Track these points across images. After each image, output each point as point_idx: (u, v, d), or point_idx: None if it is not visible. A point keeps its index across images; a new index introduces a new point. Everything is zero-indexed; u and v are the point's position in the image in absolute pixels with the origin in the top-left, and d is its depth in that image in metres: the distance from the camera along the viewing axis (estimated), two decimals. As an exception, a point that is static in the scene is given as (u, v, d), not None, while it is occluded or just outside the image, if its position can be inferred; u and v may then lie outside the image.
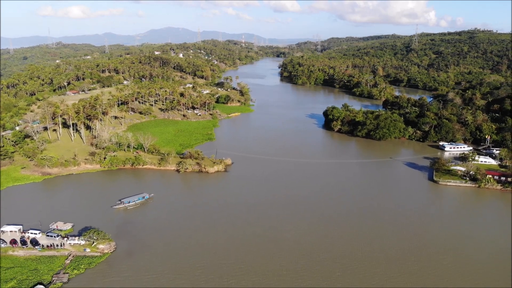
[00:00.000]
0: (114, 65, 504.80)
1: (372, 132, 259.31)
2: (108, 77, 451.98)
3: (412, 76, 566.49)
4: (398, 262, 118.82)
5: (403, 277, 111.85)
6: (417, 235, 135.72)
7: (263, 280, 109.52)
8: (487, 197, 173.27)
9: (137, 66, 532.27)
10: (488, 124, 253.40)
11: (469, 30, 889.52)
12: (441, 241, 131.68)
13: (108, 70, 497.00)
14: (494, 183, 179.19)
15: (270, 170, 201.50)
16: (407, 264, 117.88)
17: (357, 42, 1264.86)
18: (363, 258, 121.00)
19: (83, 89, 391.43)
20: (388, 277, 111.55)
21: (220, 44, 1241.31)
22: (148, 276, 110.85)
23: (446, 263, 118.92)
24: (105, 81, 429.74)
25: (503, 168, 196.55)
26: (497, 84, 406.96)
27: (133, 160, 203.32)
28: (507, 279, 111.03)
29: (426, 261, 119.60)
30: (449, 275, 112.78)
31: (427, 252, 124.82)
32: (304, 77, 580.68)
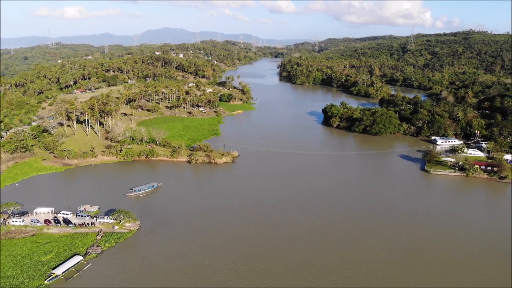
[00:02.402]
0: (118, 65, 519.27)
1: (369, 127, 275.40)
2: (113, 76, 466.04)
3: (407, 76, 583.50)
4: (395, 242, 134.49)
5: (398, 261, 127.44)
6: (410, 217, 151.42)
7: (268, 258, 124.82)
8: (474, 184, 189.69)
9: (141, 65, 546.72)
10: (478, 120, 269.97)
11: (464, 31, 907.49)
12: (429, 220, 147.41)
13: (113, 69, 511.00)
14: (481, 172, 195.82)
15: (274, 161, 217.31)
16: (402, 242, 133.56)
17: (354, 43, 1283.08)
18: (360, 241, 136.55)
19: (90, 88, 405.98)
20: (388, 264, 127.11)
21: (219, 45, 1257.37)
22: (170, 248, 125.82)
23: (435, 243, 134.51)
24: (111, 80, 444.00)
25: (490, 160, 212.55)
26: (489, 83, 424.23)
27: (147, 152, 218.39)
28: (492, 251, 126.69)
29: (419, 240, 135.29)
30: (437, 254, 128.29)
31: (419, 230, 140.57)
32: (302, 77, 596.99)
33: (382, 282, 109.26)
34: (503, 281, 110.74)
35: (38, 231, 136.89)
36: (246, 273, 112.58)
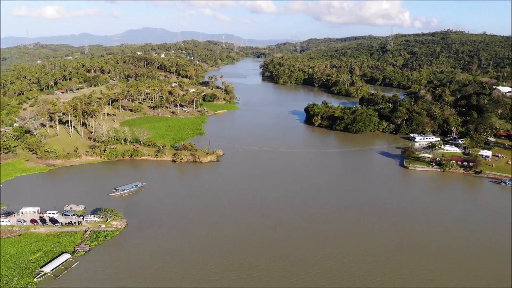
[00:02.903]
0: (100, 65, 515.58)
1: (350, 125, 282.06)
2: (95, 76, 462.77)
3: (387, 75, 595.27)
4: (376, 229, 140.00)
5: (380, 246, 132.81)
6: (391, 212, 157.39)
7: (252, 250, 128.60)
8: (451, 179, 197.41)
9: (122, 66, 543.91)
10: (455, 118, 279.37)
11: (442, 31, 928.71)
12: (409, 213, 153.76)
13: (94, 70, 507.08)
14: (457, 167, 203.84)
15: (258, 159, 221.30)
16: (381, 229, 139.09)
17: (335, 43, 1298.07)
18: (343, 235, 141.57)
19: (71, 88, 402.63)
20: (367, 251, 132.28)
21: (201, 45, 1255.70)
22: (157, 244, 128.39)
23: (417, 236, 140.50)
24: (92, 81, 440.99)
25: (466, 155, 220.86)
26: (465, 82, 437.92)
27: (132, 152, 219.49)
28: (467, 235, 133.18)
29: (400, 233, 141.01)
30: (419, 248, 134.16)
31: (399, 224, 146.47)
32: (285, 76, 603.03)
33: (361, 272, 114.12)
34: (489, 276, 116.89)
35: (25, 231, 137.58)
36: (232, 267, 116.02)
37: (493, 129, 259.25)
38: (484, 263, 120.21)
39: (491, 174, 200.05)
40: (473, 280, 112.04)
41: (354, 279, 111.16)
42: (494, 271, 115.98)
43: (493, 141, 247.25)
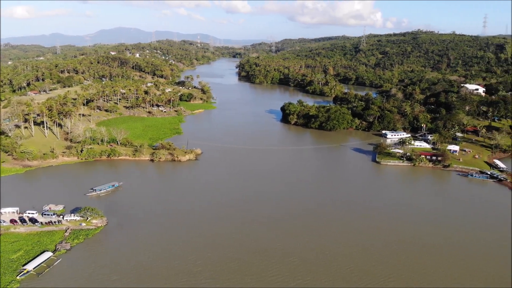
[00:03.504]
0: (73, 65, 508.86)
1: (324, 123, 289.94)
2: (68, 77, 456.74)
3: (360, 75, 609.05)
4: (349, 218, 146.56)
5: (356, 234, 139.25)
6: (364, 204, 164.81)
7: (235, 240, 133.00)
8: (420, 173, 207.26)
9: (96, 66, 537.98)
10: (424, 115, 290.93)
11: (413, 31, 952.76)
12: (381, 205, 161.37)
13: (67, 70, 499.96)
14: (426, 162, 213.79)
15: (236, 157, 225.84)
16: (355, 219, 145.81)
17: (309, 43, 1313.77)
18: (319, 227, 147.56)
19: (45, 89, 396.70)
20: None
21: (176, 44, 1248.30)
22: (138, 240, 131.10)
23: (388, 227, 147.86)
24: (66, 81, 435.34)
25: (435, 150, 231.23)
26: (435, 80, 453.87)
27: (109, 152, 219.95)
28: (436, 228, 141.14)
29: (372, 224, 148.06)
30: (391, 238, 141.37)
31: (372, 216, 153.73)
32: (261, 76, 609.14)
33: (335, 261, 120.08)
34: (465, 269, 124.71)
35: (4, 231, 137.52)
36: (212, 260, 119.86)
37: (461, 125, 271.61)
38: (463, 254, 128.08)
39: (459, 167, 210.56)
40: (455, 271, 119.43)
41: (331, 269, 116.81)
42: (474, 261, 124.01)
43: (461, 137, 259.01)
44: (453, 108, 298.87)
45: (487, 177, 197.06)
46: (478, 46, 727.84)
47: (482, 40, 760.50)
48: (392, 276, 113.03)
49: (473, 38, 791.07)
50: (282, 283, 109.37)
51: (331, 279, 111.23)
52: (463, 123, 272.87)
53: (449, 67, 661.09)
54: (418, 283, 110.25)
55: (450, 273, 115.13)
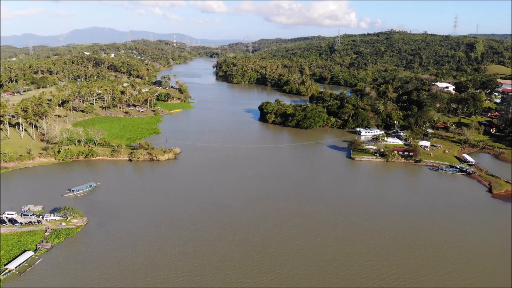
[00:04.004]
0: (47, 66, 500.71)
1: (301, 122, 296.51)
2: (43, 78, 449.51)
3: (335, 74, 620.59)
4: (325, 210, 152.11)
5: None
6: (338, 198, 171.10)
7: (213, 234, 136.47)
8: (393, 168, 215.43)
9: (71, 66, 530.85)
10: (397, 112, 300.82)
11: (386, 31, 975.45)
12: (355, 198, 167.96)
13: (41, 71, 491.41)
14: (399, 157, 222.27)
15: (215, 155, 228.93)
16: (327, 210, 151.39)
17: (286, 44, 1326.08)
18: (295, 219, 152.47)
19: (18, 90, 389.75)
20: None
21: (152, 44, 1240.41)
22: (119, 238, 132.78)
23: (360, 218, 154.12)
24: (40, 82, 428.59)
25: (407, 146, 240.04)
26: (407, 79, 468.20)
27: (87, 152, 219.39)
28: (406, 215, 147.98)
29: (345, 213, 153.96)
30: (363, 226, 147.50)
31: (345, 208, 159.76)
32: (238, 76, 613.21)
33: (312, 253, 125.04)
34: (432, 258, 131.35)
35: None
36: (193, 254, 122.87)
37: (432, 122, 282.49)
38: (434, 243, 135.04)
39: (430, 162, 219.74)
40: (427, 262, 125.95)
41: (308, 260, 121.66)
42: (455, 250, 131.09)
43: (432, 133, 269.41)
44: (425, 105, 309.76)
45: (457, 170, 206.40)
46: (449, 45, 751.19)
47: (453, 39, 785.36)
48: (360, 264, 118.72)
49: (444, 37, 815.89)
50: (262, 273, 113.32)
51: (307, 269, 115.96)
52: (434, 119, 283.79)
53: (421, 66, 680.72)
54: (390, 270, 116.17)
55: (422, 263, 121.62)
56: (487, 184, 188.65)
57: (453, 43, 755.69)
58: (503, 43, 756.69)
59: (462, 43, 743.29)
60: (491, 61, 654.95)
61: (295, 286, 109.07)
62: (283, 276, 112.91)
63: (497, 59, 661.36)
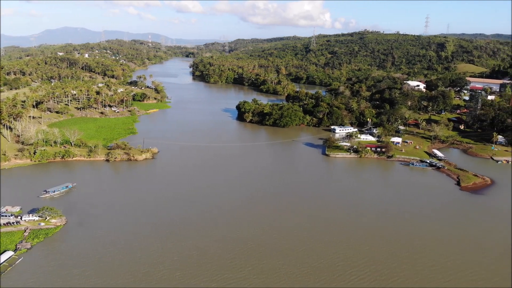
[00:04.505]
0: (20, 67, 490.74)
1: (278, 120, 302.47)
2: (15, 79, 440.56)
3: (310, 74, 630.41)
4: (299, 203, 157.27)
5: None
6: (312, 189, 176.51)
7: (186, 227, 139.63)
8: (366, 163, 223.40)
9: (44, 67, 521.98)
10: (370, 110, 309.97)
11: (360, 31, 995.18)
12: (329, 193, 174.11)
13: (14, 72, 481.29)
14: (371, 153, 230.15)
15: (193, 153, 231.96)
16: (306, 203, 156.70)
17: (262, 44, 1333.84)
18: (274, 215, 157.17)
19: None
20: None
21: (126, 44, 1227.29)
22: (99, 237, 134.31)
23: (337, 211, 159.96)
24: (13, 83, 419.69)
25: (379, 142, 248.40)
26: (380, 78, 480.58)
27: (63, 153, 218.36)
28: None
29: (323, 209, 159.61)
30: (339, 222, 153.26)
31: (322, 203, 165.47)
32: (215, 76, 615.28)
33: (290, 245, 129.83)
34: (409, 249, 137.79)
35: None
36: (173, 250, 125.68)
37: (403, 119, 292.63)
38: (409, 235, 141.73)
39: (401, 157, 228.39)
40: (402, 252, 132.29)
41: (285, 252, 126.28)
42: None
43: (403, 129, 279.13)
44: (396, 103, 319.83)
45: (427, 165, 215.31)
46: (421, 45, 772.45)
47: (424, 39, 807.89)
48: (334, 254, 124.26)
49: (416, 37, 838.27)
50: (241, 267, 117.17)
51: (280, 260, 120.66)
52: (405, 117, 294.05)
53: (393, 65, 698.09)
54: (360, 259, 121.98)
55: (397, 254, 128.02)
56: (455, 178, 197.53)
57: (425, 43, 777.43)
58: (472, 42, 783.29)
59: (433, 43, 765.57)
60: (461, 60, 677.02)
61: (280, 285, 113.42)
62: (260, 268, 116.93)
63: (467, 58, 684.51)
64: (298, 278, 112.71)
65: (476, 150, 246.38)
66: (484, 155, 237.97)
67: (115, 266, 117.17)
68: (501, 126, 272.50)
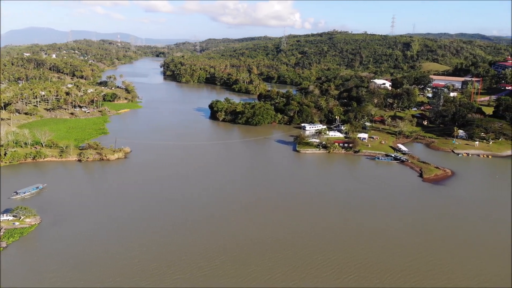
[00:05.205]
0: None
1: (250, 119, 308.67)
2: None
3: (281, 74, 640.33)
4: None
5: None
6: (284, 183, 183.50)
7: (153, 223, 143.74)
8: (334, 158, 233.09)
9: (10, 68, 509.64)
10: (338, 108, 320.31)
11: (329, 32, 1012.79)
12: (297, 184, 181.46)
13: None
14: (339, 149, 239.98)
15: (166, 152, 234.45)
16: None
17: (233, 44, 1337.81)
18: (248, 208, 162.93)
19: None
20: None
21: (95, 44, 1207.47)
22: (75, 234, 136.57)
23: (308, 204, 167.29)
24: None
25: (347, 138, 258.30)
26: (348, 77, 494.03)
27: (34, 154, 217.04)
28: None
29: (291, 200, 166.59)
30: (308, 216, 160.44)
31: (293, 196, 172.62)
32: (187, 75, 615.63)
33: (262, 236, 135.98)
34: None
35: None
36: (149, 245, 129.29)
37: (369, 116, 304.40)
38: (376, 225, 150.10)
39: (367, 152, 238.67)
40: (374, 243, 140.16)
41: (255, 243, 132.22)
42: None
43: (369, 126, 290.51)
44: (363, 101, 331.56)
45: (391, 159, 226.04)
46: (387, 44, 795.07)
47: (391, 39, 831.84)
48: (303, 244, 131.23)
49: (383, 37, 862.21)
50: (212, 258, 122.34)
51: (252, 250, 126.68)
52: (372, 114, 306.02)
53: (361, 65, 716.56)
54: (333, 247, 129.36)
55: (369, 244, 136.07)
56: (418, 170, 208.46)
57: (391, 43, 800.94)
58: (437, 41, 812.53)
59: (399, 43, 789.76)
60: (426, 59, 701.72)
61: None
62: (228, 260, 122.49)
63: (431, 56, 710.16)
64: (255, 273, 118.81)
65: (438, 144, 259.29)
66: (445, 148, 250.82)
67: (91, 261, 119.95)
68: (462, 121, 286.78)
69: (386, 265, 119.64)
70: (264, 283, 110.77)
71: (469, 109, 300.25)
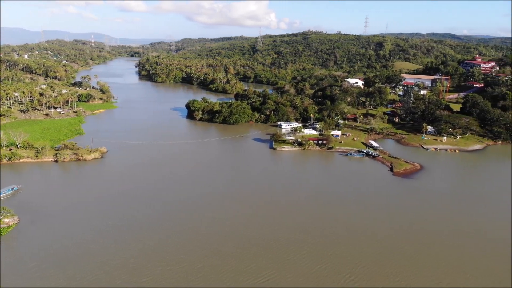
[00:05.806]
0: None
1: (227, 118, 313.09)
2: None
3: (258, 74, 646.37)
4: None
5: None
6: (261, 179, 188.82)
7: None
8: (309, 154, 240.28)
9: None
10: (312, 106, 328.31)
11: (304, 32, 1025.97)
12: (277, 182, 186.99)
13: None
14: (314, 145, 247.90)
15: (143, 152, 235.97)
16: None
17: (209, 43, 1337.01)
18: (226, 204, 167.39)
19: None
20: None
21: (68, 44, 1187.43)
22: (54, 233, 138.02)
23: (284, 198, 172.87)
24: None
25: (321, 136, 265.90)
26: (322, 76, 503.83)
27: (9, 155, 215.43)
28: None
29: (270, 195, 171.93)
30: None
31: (269, 192, 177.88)
32: (163, 75, 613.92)
33: (241, 232, 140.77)
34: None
35: None
36: (130, 242, 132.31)
37: (343, 114, 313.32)
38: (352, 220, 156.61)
39: (340, 148, 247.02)
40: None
41: (232, 238, 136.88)
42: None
43: (343, 123, 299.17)
44: (337, 99, 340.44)
45: (363, 154, 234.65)
46: (361, 44, 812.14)
47: (364, 39, 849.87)
48: (284, 238, 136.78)
49: (356, 37, 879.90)
50: (195, 253, 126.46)
51: (230, 245, 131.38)
52: (345, 112, 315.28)
53: (336, 64, 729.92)
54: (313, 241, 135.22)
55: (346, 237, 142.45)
56: (389, 165, 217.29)
57: (364, 42, 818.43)
58: (408, 41, 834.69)
59: (372, 42, 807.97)
60: (398, 58, 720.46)
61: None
62: (206, 253, 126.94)
63: (403, 56, 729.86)
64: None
65: (408, 140, 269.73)
66: (415, 144, 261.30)
67: (70, 258, 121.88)
68: (431, 118, 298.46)
69: (360, 257, 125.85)
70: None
71: (438, 106, 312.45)
